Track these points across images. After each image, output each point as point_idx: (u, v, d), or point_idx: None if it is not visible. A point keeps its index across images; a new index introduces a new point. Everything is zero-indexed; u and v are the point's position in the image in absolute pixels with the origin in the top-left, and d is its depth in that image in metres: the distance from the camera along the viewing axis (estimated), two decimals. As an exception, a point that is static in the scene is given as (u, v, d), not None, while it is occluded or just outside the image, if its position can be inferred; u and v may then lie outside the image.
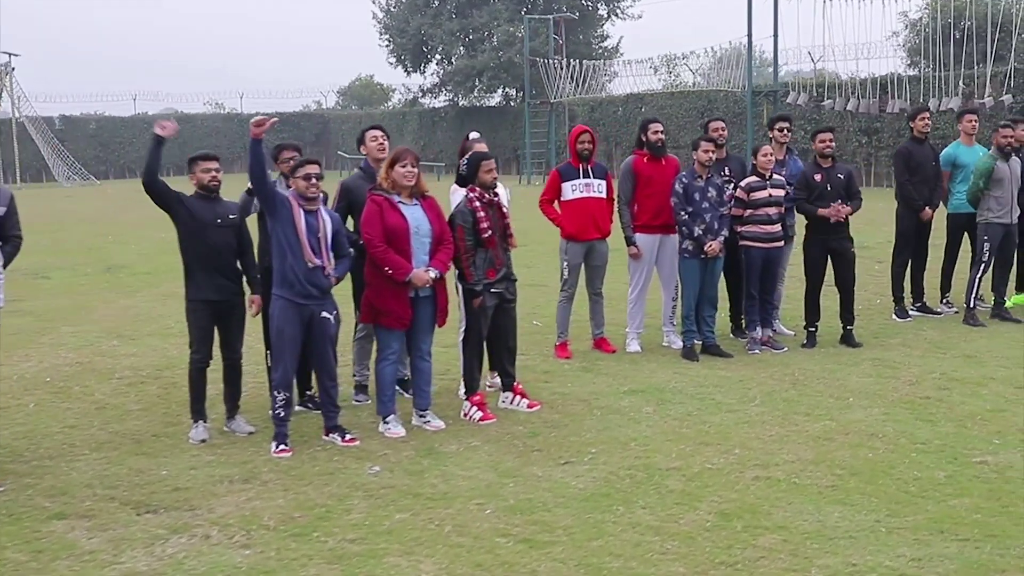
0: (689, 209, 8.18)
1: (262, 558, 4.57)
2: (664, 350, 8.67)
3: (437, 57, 45.73)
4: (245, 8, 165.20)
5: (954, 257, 10.21)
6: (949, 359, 8.12)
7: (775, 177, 8.49)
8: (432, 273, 6.28)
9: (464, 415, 6.75)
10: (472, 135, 7.46)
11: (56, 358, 8.85)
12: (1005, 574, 4.27)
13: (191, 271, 6.40)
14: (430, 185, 6.59)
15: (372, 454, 6.03)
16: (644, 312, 8.80)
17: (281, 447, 6.08)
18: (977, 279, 9.56)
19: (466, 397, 6.81)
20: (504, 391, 7.01)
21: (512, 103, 45.08)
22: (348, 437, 6.25)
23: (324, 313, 6.15)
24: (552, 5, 43.19)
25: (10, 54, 45.01)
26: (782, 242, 8.59)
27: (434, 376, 7.81)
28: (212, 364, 6.51)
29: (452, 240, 6.50)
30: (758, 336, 8.60)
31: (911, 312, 9.96)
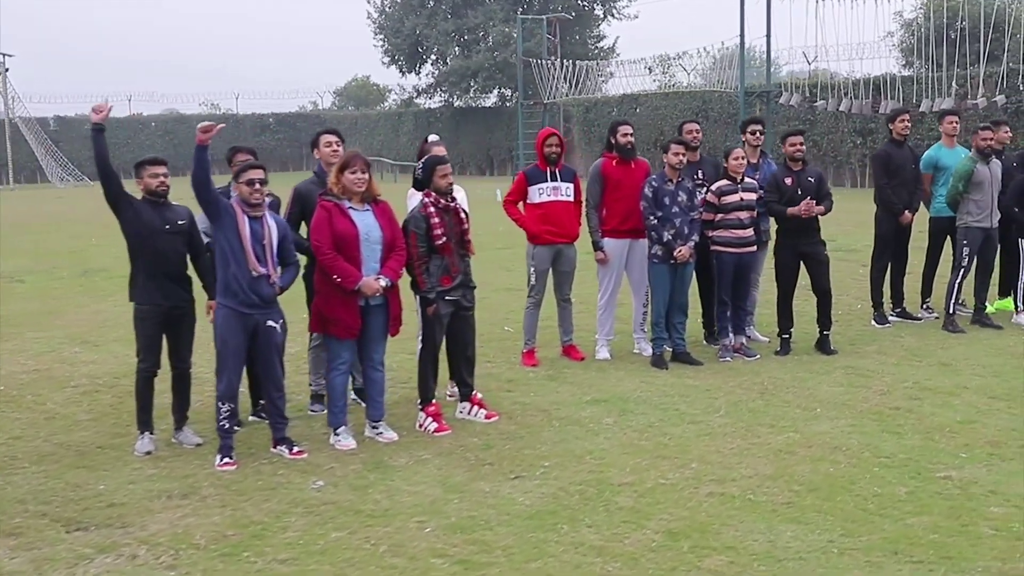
0: (659, 213, 7.99)
1: (184, 580, 4.40)
2: (634, 357, 8.47)
3: (432, 58, 45.53)
4: (245, 8, 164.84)
5: (936, 261, 10.01)
6: (924, 367, 7.92)
7: (747, 181, 8.29)
8: (382, 281, 6.09)
9: (419, 426, 6.56)
10: (431, 138, 7.27)
11: (14, 365, 8.66)
12: (956, 599, 4.10)
13: (138, 277, 6.25)
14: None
15: (319, 467, 5.85)
16: (614, 318, 8.61)
17: (225, 460, 5.89)
18: (956, 284, 9.34)
19: (421, 408, 6.62)
20: (462, 401, 6.82)
21: (507, 104, 44.89)
22: (296, 450, 6.06)
23: (269, 322, 5.97)
24: (548, 5, 42.98)
25: (4, 55, 44.94)
26: (754, 247, 8.38)
27: (396, 385, 7.67)
28: (163, 374, 6.34)
29: (404, 247, 6.31)
30: (730, 343, 8.40)
31: (891, 318, 9.77)
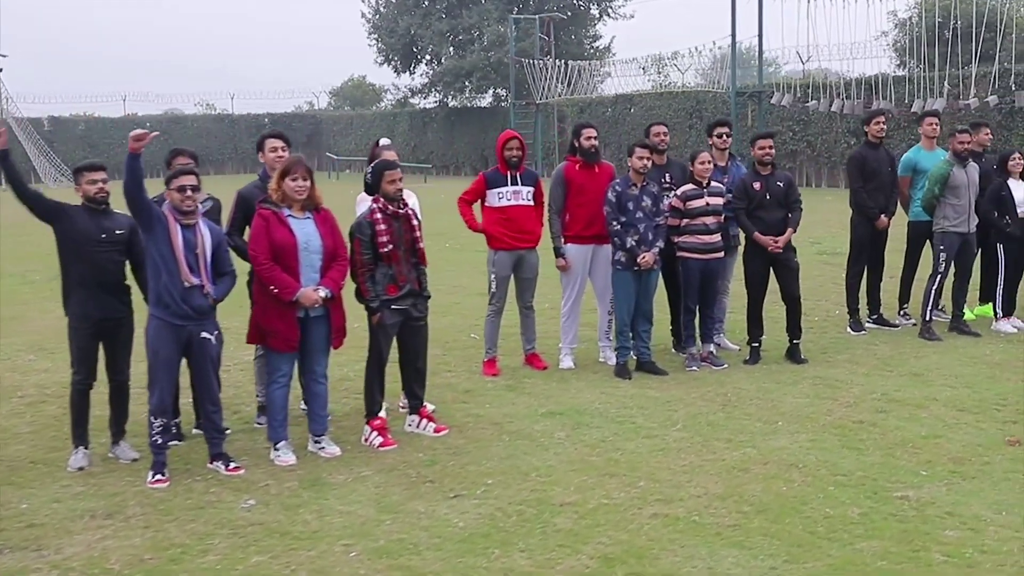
0: (622, 219, 7.77)
1: (90, 610, 4.19)
2: (598, 366, 8.24)
3: (427, 57, 45.24)
4: (245, 8, 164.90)
5: (914, 266, 9.77)
6: (894, 377, 7.69)
7: (714, 185, 8.07)
8: (321, 292, 5.87)
9: (364, 440, 6.34)
10: (382, 141, 7.05)
11: (-36, 374, 8.46)
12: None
13: (72, 288, 6.05)
14: (417, 188, 6.17)
15: (253, 485, 5.63)
16: (578, 326, 8.38)
17: (157, 477, 5.68)
18: (933, 291, 9.11)
19: (367, 421, 6.40)
20: (410, 414, 6.60)
21: (502, 104, 44.54)
22: (232, 466, 5.85)
23: (204, 334, 5.75)
24: (543, 5, 42.70)
25: (-3, 55, 44.74)
26: (721, 253, 8.15)
27: (349, 395, 7.46)
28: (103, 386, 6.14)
29: (347, 256, 6.09)
30: (696, 352, 8.18)
31: (867, 324, 9.54)
